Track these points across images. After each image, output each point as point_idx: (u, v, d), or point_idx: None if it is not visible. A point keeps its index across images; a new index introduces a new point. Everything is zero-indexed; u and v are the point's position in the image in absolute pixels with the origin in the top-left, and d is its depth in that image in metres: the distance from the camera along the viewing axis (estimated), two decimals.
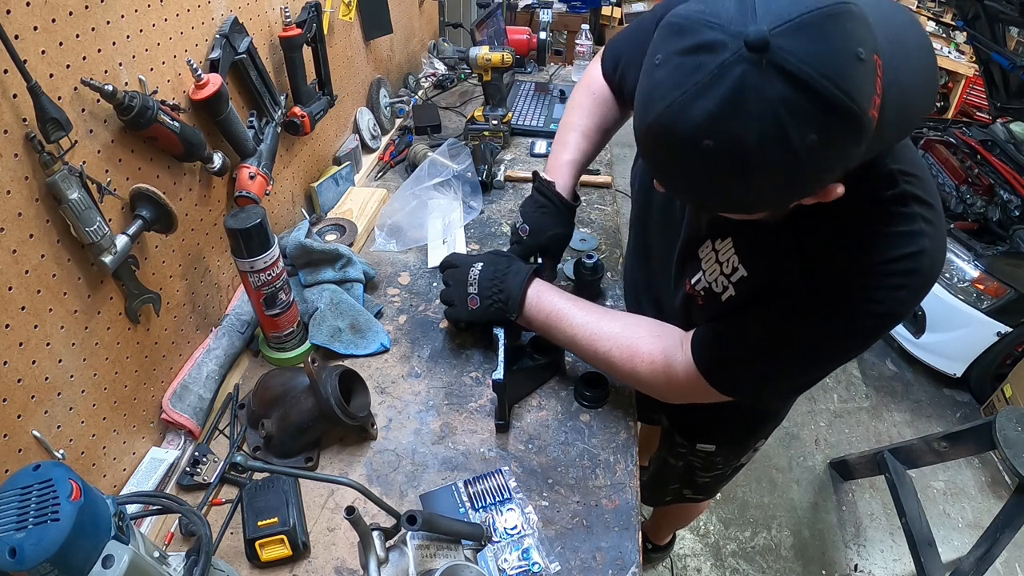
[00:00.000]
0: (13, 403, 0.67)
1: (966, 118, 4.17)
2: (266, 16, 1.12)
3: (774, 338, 0.74)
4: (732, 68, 0.49)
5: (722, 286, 0.78)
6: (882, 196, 0.65)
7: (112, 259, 0.75)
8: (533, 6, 2.80)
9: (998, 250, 2.43)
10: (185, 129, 0.84)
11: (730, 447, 1.22)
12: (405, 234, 1.35)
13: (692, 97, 0.50)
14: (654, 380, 0.87)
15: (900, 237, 0.65)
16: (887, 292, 0.66)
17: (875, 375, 2.75)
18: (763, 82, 0.48)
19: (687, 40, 0.51)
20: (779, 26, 0.48)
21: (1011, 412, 1.69)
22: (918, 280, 0.66)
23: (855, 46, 0.49)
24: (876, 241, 0.65)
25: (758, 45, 0.48)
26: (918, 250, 0.64)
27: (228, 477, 0.89)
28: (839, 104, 0.49)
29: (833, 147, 0.52)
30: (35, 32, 0.64)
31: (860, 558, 2.05)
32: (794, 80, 0.48)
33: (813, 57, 0.48)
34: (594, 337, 0.91)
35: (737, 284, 0.76)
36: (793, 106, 0.49)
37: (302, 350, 1.05)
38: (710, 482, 1.33)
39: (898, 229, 0.65)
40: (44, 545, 0.47)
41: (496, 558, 0.80)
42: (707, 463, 1.24)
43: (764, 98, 0.49)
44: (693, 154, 0.52)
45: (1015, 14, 2.51)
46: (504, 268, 0.99)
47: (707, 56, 0.50)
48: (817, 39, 0.48)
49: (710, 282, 0.80)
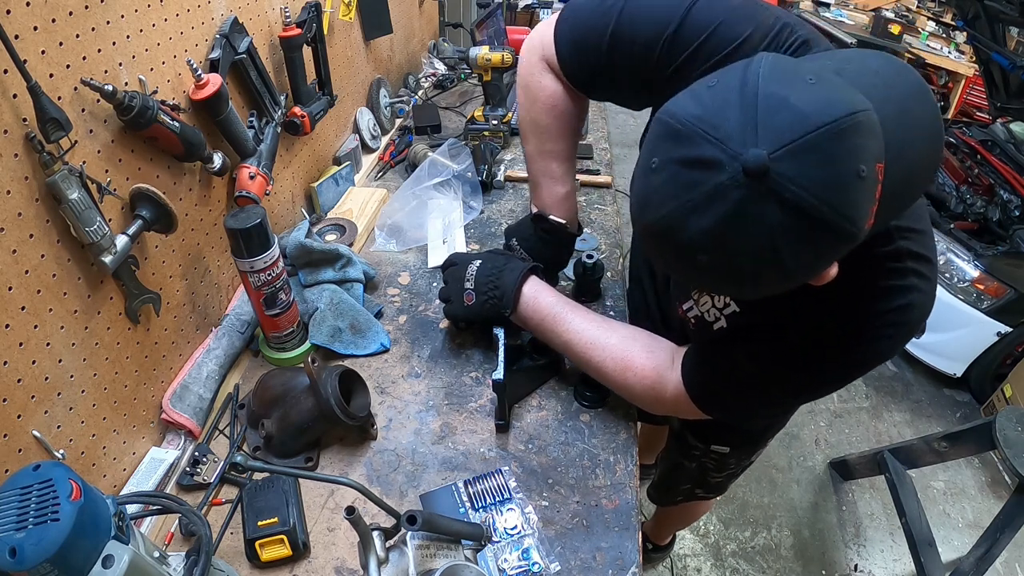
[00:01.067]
0: (13, 403, 0.67)
1: (966, 118, 4.17)
2: (266, 16, 1.12)
3: (762, 374, 0.76)
4: (729, 191, 0.48)
5: (714, 316, 0.80)
6: (878, 252, 0.66)
7: (112, 259, 0.75)
8: (533, 6, 2.80)
9: (998, 250, 2.43)
10: (185, 129, 0.84)
11: (743, 448, 1.22)
12: (405, 234, 1.35)
13: (688, 212, 0.50)
14: (644, 395, 0.89)
15: (891, 291, 0.66)
16: (873, 341, 0.69)
17: (875, 375, 2.75)
18: (760, 208, 0.48)
19: (685, 150, 0.50)
20: (779, 149, 0.47)
21: (1011, 412, 1.69)
22: (903, 330, 0.69)
23: (858, 164, 0.48)
24: (868, 293, 0.67)
25: (757, 172, 0.47)
26: (907, 303, 0.66)
27: (228, 477, 0.89)
28: (836, 226, 0.49)
29: (826, 258, 0.53)
30: (35, 32, 0.64)
31: (860, 558, 2.05)
32: (792, 208, 0.48)
33: (813, 183, 0.47)
34: (589, 346, 0.92)
35: (729, 317, 0.79)
36: (790, 231, 0.48)
37: (302, 350, 1.05)
38: (722, 480, 1.34)
39: (890, 283, 0.66)
40: (44, 545, 0.47)
41: (496, 558, 0.80)
42: (721, 464, 1.24)
43: (760, 224, 0.48)
44: (689, 261, 0.53)
45: (1015, 14, 2.51)
46: (501, 265, 0.99)
47: (705, 174, 0.49)
48: (819, 164, 0.47)
49: (702, 312, 0.82)
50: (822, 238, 0.49)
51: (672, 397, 0.85)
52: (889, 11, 4.74)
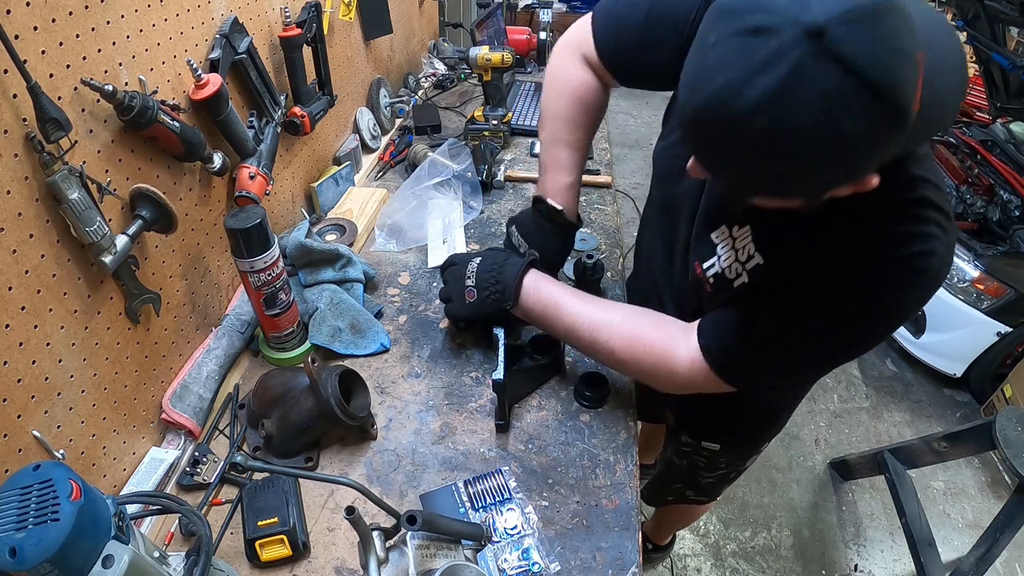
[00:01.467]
0: (13, 403, 0.67)
1: (966, 118, 4.16)
2: (266, 16, 1.12)
3: (783, 332, 0.75)
4: (788, 52, 0.50)
5: (735, 272, 0.78)
6: (901, 198, 0.67)
7: (112, 259, 0.75)
8: (533, 6, 2.81)
9: (998, 250, 2.43)
10: (185, 129, 0.84)
11: (735, 448, 1.22)
12: (405, 234, 1.35)
13: (744, 79, 0.51)
14: (656, 369, 0.86)
15: (914, 237, 0.66)
16: (896, 290, 0.67)
17: (875, 375, 2.75)
18: (818, 68, 0.49)
19: (742, 22, 0.52)
20: (834, 16, 0.49)
21: (1011, 412, 1.69)
22: (926, 280, 0.67)
23: (903, 41, 0.50)
24: (891, 237, 0.67)
25: (815, 31, 0.49)
26: (929, 250, 0.66)
27: (228, 477, 0.89)
28: (889, 95, 0.50)
29: (878, 137, 0.53)
30: (35, 32, 0.64)
31: (860, 558, 2.05)
32: (849, 68, 0.49)
33: (866, 47, 0.49)
34: (594, 327, 0.90)
35: (752, 271, 0.77)
36: (847, 93, 0.49)
37: (302, 350, 1.05)
38: (713, 483, 1.33)
39: (913, 229, 0.66)
40: (44, 545, 0.47)
41: (496, 558, 0.80)
42: (711, 463, 1.24)
43: (819, 84, 0.50)
44: (743, 134, 0.53)
45: (1015, 14, 2.51)
46: (502, 261, 0.99)
47: (763, 39, 0.51)
48: (870, 30, 0.49)
49: (724, 267, 0.80)
50: (874, 106, 0.50)
51: (686, 368, 0.82)
52: None
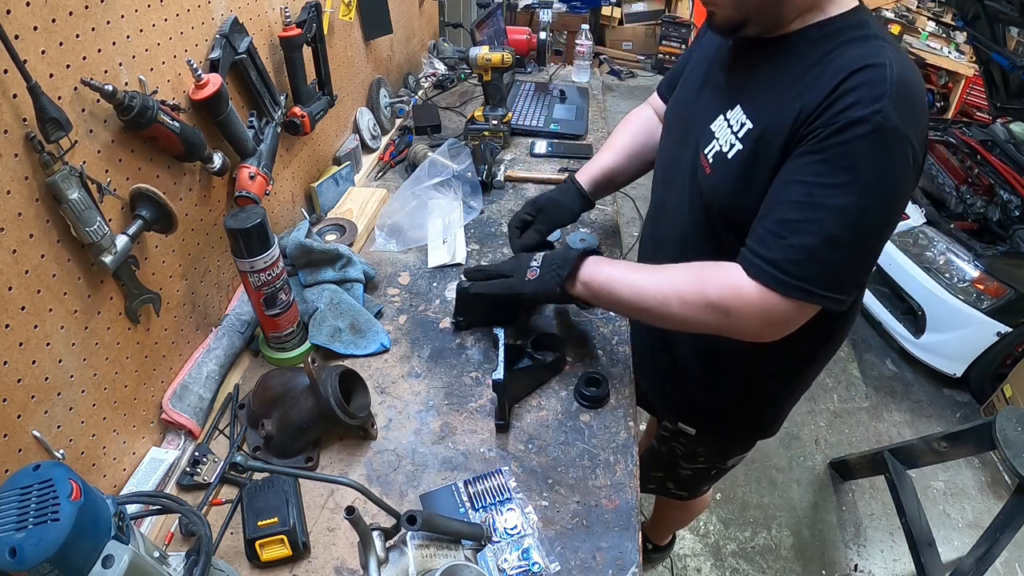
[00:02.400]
0: (13, 403, 0.67)
1: (966, 118, 4.17)
2: (266, 16, 1.12)
3: (810, 204, 0.76)
4: None
5: (729, 144, 0.86)
6: (845, 37, 0.78)
7: (112, 259, 0.75)
8: (533, 6, 2.81)
9: (998, 250, 2.43)
10: (185, 129, 0.84)
11: (712, 438, 1.21)
12: (405, 234, 1.35)
13: None
14: (709, 318, 0.84)
15: (865, 53, 0.75)
16: (869, 103, 0.72)
17: (875, 375, 2.75)
18: None
19: None
20: None
21: (1011, 412, 1.69)
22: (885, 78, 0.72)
23: None
24: (845, 57, 0.75)
25: None
26: (880, 62, 0.73)
27: (228, 477, 0.89)
28: None
29: None
30: (35, 32, 0.64)
31: (860, 558, 2.05)
32: None
33: None
34: (660, 292, 0.88)
35: (743, 138, 0.84)
36: None
37: (302, 350, 1.05)
38: (691, 475, 1.32)
39: (863, 49, 0.76)
40: (44, 545, 0.47)
41: (496, 558, 0.80)
42: (688, 451, 1.24)
43: None
44: None
45: (1015, 14, 2.51)
46: (563, 252, 1.01)
47: None
48: None
49: (721, 145, 0.87)
50: None
51: (751, 302, 0.79)
52: (889, 11, 4.74)
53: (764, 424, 1.17)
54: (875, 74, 0.73)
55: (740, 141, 0.84)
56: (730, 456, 1.26)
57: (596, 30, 5.52)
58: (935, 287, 2.48)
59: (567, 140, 1.78)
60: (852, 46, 0.77)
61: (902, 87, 0.72)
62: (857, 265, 0.80)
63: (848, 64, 0.74)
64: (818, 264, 0.76)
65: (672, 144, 1.05)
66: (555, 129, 1.80)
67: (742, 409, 1.13)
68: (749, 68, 0.88)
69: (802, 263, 0.76)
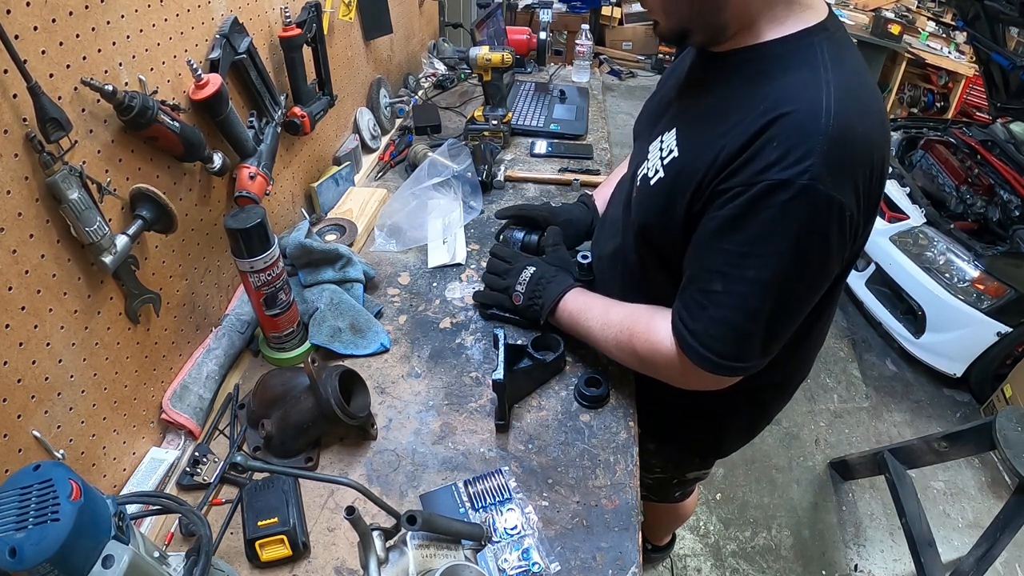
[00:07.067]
0: (13, 403, 0.67)
1: (966, 118, 4.17)
2: (266, 16, 1.12)
3: (731, 275, 0.72)
4: None
5: (655, 170, 0.82)
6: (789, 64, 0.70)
7: (112, 259, 0.75)
8: (533, 6, 2.81)
9: (998, 250, 2.43)
10: (185, 129, 0.84)
11: (668, 451, 1.22)
12: (405, 234, 1.35)
13: None
14: (655, 367, 0.89)
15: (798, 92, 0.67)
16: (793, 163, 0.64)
17: (875, 375, 2.75)
18: None
19: None
20: None
21: (1011, 412, 1.69)
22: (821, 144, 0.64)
23: None
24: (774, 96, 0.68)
25: None
26: (814, 106, 0.65)
27: (228, 477, 0.89)
28: None
29: None
30: (35, 32, 0.64)
31: (860, 558, 2.05)
32: None
33: None
34: (607, 331, 0.95)
35: (667, 166, 0.80)
36: None
37: (302, 350, 1.05)
38: (653, 484, 1.33)
39: (796, 87, 0.67)
40: (44, 545, 0.47)
41: (496, 558, 0.80)
42: (644, 461, 1.23)
43: None
44: None
45: (1015, 14, 2.51)
46: (550, 276, 1.05)
47: None
48: None
49: (649, 168, 0.84)
50: None
51: (664, 355, 0.83)
52: (889, 11, 4.74)
53: (721, 448, 1.18)
54: (805, 122, 0.64)
55: (664, 168, 0.80)
56: (687, 471, 1.27)
57: (596, 30, 5.52)
58: (935, 287, 2.48)
59: (567, 140, 1.78)
60: (786, 79, 0.68)
61: (837, 137, 0.63)
62: (780, 331, 0.78)
63: (775, 105, 0.66)
64: (736, 337, 0.76)
65: (632, 156, 1.05)
66: (555, 129, 1.80)
67: (699, 424, 1.11)
68: (700, 87, 0.82)
69: (719, 337, 0.76)
